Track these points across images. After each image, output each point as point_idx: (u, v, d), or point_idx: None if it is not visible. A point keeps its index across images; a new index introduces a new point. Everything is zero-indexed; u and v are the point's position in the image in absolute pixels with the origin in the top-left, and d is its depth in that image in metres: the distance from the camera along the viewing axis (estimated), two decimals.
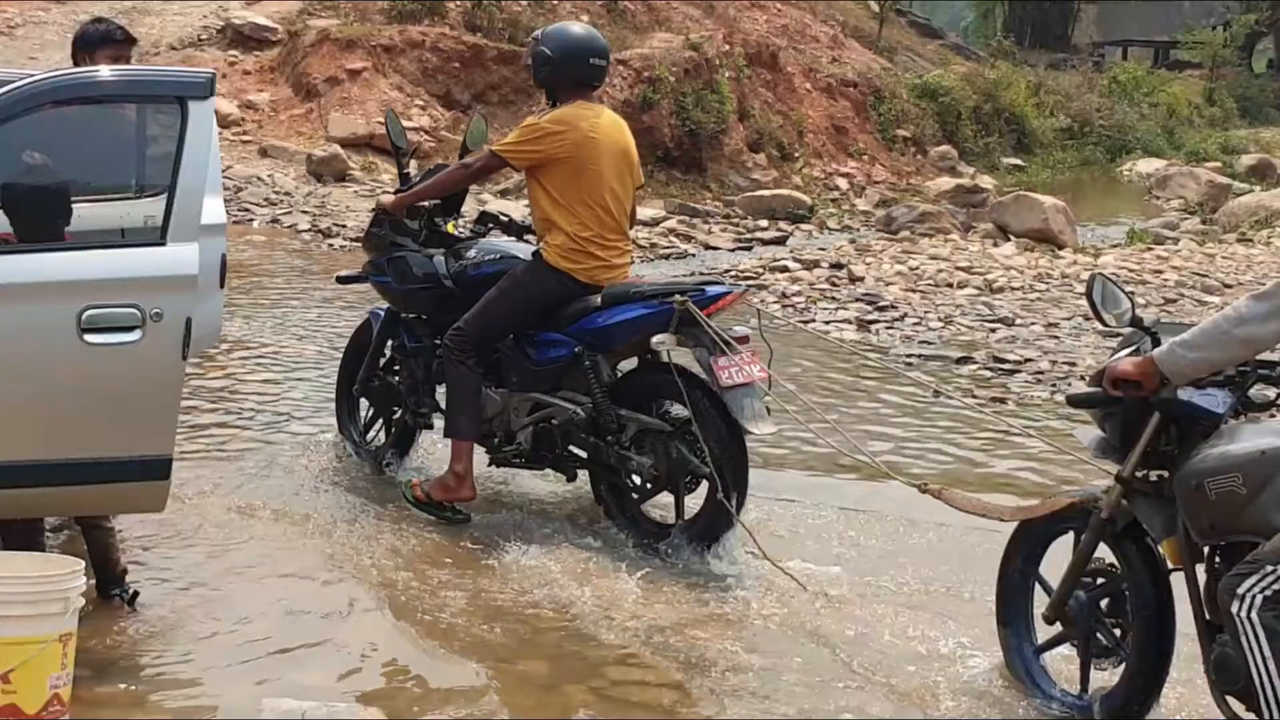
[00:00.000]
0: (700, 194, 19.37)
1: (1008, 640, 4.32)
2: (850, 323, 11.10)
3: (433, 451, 6.32)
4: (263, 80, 19.17)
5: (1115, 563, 4.04)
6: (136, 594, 4.66)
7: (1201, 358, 3.59)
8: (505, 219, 6.33)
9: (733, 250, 15.62)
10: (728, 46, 21.41)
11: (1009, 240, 16.08)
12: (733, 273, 13.48)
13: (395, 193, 6.21)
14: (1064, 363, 9.45)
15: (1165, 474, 3.84)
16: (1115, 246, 16.24)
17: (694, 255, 15.09)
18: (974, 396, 8.56)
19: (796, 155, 21.69)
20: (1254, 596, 3.43)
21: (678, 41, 20.77)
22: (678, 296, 5.34)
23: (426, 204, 6.11)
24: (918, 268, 13.76)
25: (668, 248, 15.26)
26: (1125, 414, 3.88)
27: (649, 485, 5.54)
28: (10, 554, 4.10)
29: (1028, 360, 9.53)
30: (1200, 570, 3.75)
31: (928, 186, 21.90)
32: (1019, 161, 25.75)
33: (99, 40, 5.40)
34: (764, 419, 5.30)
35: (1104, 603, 4.07)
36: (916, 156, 23.94)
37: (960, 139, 25.04)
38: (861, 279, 13.04)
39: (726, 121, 20.33)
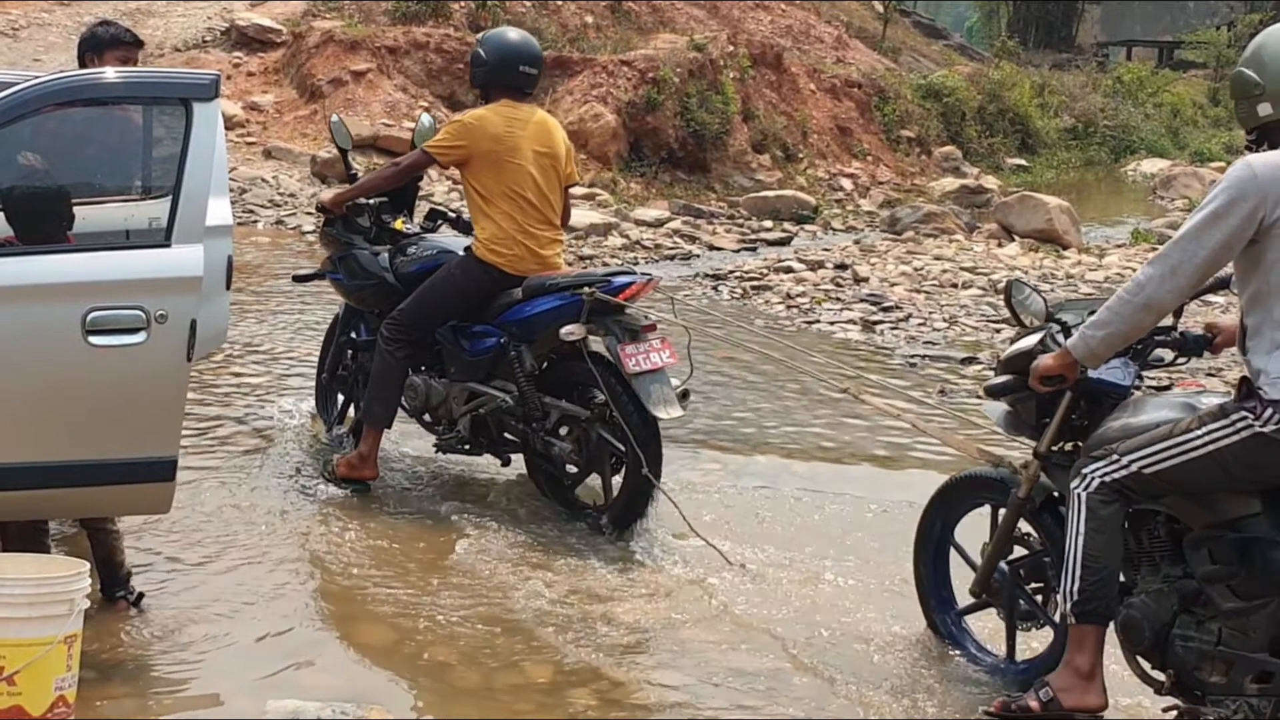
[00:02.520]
0: (704, 195, 19.35)
1: (933, 617, 4.63)
2: (855, 323, 11.10)
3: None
4: (267, 82, 19.16)
5: (1032, 533, 4.26)
6: (141, 595, 4.67)
7: (1110, 333, 3.70)
8: (454, 215, 6.55)
9: (737, 251, 15.61)
10: (732, 47, 21.38)
11: (1013, 240, 16.06)
12: (737, 273, 13.49)
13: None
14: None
15: (1079, 445, 4.03)
16: (1119, 247, 16.23)
17: (698, 256, 15.08)
18: (979, 397, 8.55)
19: (801, 156, 21.66)
20: (1093, 479, 3.71)
21: (682, 42, 20.74)
22: (586, 288, 5.58)
23: (372, 201, 6.38)
24: (922, 268, 13.76)
25: (672, 248, 15.24)
26: (1039, 395, 4.04)
27: (573, 468, 5.81)
28: (15, 555, 4.11)
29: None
30: None
31: (932, 187, 21.87)
32: (1023, 162, 25.71)
33: (107, 43, 5.40)
34: (672, 404, 5.51)
35: (1024, 572, 4.29)
36: (921, 157, 23.90)
37: (964, 139, 25.00)
38: (866, 279, 13.03)
39: (731, 122, 20.30)
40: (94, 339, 3.99)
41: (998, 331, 10.69)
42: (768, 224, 17.72)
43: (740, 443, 7.37)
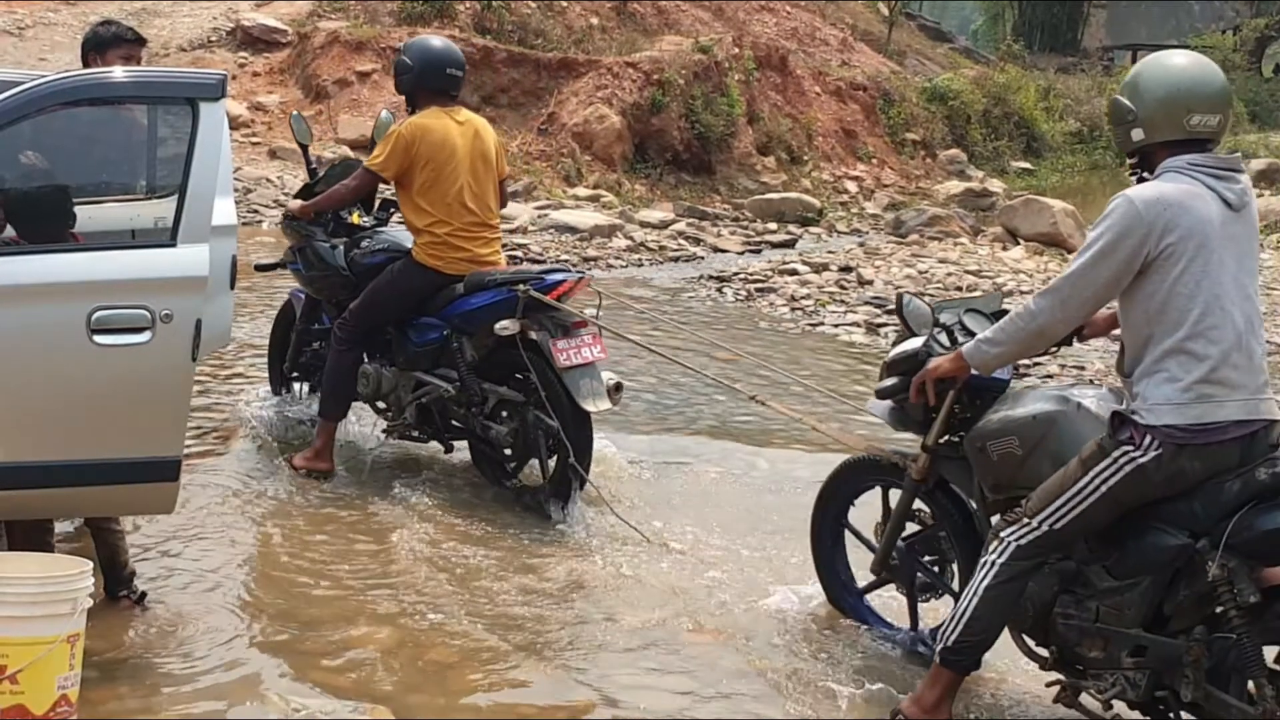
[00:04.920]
0: (709, 197, 19.35)
1: (836, 599, 4.88)
2: (859, 326, 11.10)
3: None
4: (272, 82, 19.18)
5: (925, 509, 4.54)
6: (144, 595, 4.67)
7: (1003, 352, 3.95)
8: None
9: (741, 253, 15.60)
10: (737, 49, 21.39)
11: (1018, 244, 16.05)
12: (742, 275, 13.48)
13: (296, 195, 6.88)
14: (1073, 366, 9.44)
15: (964, 435, 4.26)
16: None
17: (703, 258, 15.07)
18: None
19: (805, 158, 21.66)
20: (1009, 543, 3.88)
21: (687, 44, 20.75)
22: (520, 285, 5.84)
23: None
24: (927, 271, 13.75)
25: (677, 250, 15.24)
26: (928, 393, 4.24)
27: (509, 450, 6.09)
28: (19, 555, 4.10)
29: (1036, 364, 9.51)
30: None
31: (937, 190, 21.87)
32: (1028, 165, 25.70)
33: (110, 42, 5.40)
34: (601, 397, 5.80)
35: (920, 546, 4.58)
36: (925, 160, 23.91)
37: (969, 142, 25.00)
38: (870, 282, 13.03)
39: (736, 124, 20.31)
40: (99, 338, 3.99)
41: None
42: (772, 226, 17.71)
43: (750, 436, 7.48)
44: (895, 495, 4.63)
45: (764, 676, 4.43)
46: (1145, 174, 3.80)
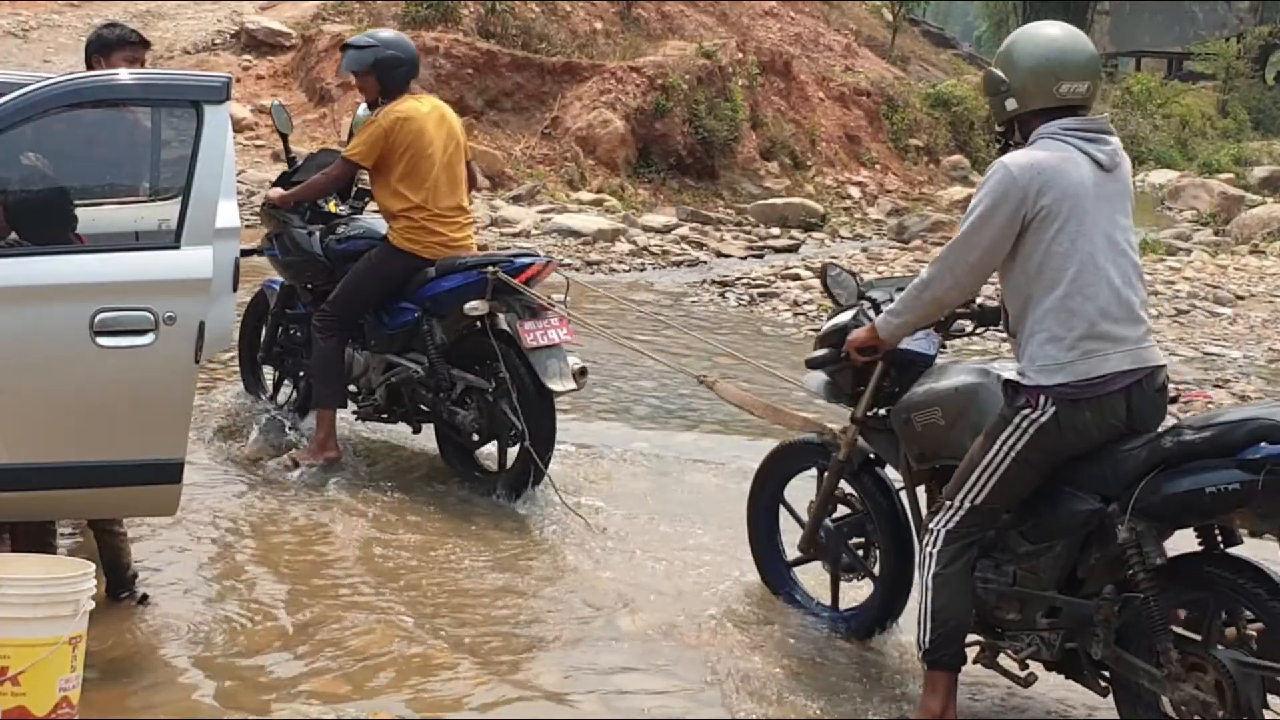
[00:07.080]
0: (712, 201, 19.36)
1: (767, 572, 5.03)
2: None
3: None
4: (276, 85, 19.20)
5: (853, 493, 4.69)
6: (146, 596, 4.67)
7: (904, 322, 4.12)
8: None
9: (744, 258, 15.61)
10: (741, 54, 21.40)
11: None
12: (745, 280, 13.48)
13: (275, 183, 6.98)
14: None
15: (891, 410, 4.40)
16: None
17: (705, 263, 15.08)
18: None
19: (809, 163, 21.67)
20: (939, 533, 3.99)
21: (691, 49, 20.77)
22: (490, 267, 5.98)
23: None
24: None
25: (680, 255, 15.25)
26: (854, 365, 4.44)
27: (475, 436, 6.20)
28: (21, 556, 4.10)
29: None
30: (921, 492, 4.36)
31: (940, 196, 21.88)
32: None
33: (114, 44, 5.42)
34: (566, 378, 5.92)
35: (848, 529, 4.73)
36: (929, 166, 23.91)
37: (973, 148, 25.01)
38: None
39: (739, 129, 20.32)
40: (102, 340, 3.99)
41: (1004, 341, 10.67)
42: (775, 231, 17.73)
43: (754, 435, 7.45)
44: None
45: (761, 678, 4.42)
46: (1019, 142, 3.92)
